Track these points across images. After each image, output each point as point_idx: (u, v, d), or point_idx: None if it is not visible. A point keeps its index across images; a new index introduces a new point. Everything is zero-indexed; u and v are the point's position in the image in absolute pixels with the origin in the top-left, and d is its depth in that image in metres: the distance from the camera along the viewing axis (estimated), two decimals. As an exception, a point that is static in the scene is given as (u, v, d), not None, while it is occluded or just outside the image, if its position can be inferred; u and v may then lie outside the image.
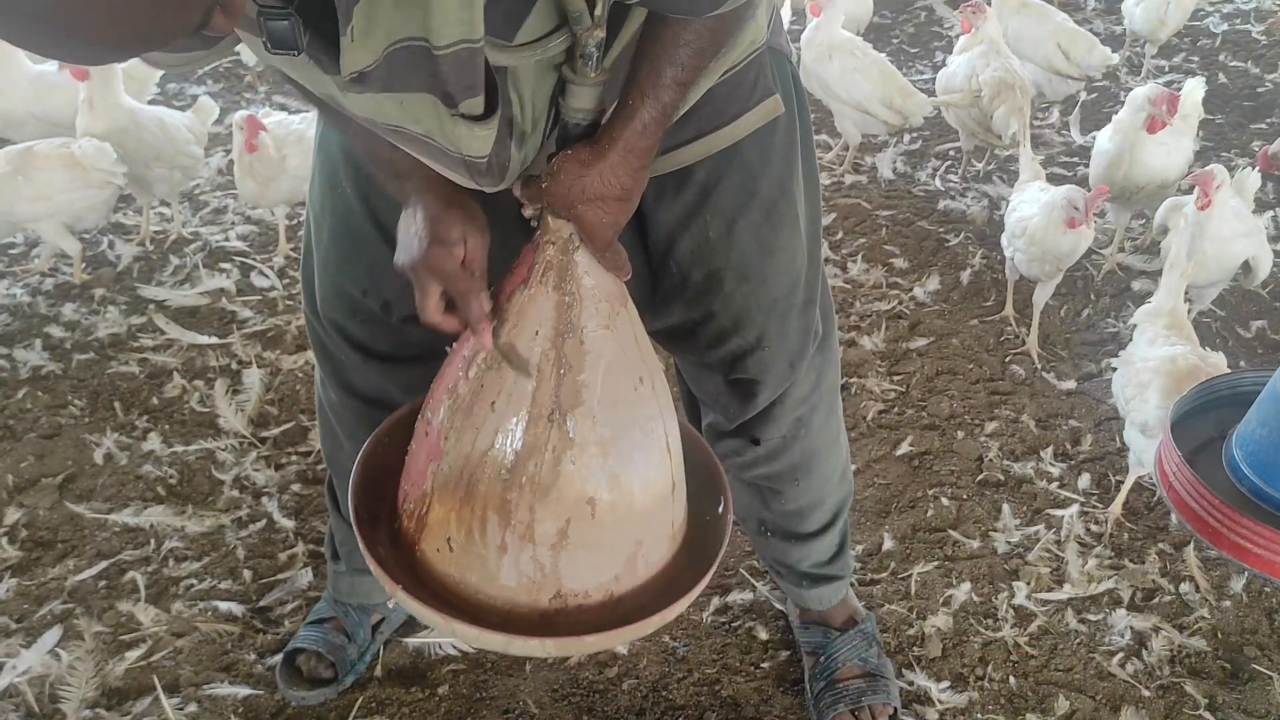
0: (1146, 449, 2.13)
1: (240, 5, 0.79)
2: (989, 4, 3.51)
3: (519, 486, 1.14)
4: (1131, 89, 4.12)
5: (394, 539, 1.23)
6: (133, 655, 1.91)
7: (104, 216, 2.94)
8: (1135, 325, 2.35)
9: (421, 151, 1.10)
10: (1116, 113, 3.05)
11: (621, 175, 1.10)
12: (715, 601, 2.03)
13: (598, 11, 0.99)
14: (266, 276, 2.97)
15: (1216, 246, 2.56)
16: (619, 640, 1.22)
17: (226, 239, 3.16)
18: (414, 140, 1.07)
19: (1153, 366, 2.18)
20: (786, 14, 3.71)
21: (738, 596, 2.04)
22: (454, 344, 1.23)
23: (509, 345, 1.15)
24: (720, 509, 1.33)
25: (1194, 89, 3.02)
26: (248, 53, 4.22)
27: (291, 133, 2.91)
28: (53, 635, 1.93)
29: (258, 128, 2.81)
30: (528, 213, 1.17)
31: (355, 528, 1.21)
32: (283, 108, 3.90)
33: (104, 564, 2.09)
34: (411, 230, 1.16)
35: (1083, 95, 3.95)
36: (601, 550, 1.19)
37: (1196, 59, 4.46)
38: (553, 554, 1.16)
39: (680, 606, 1.21)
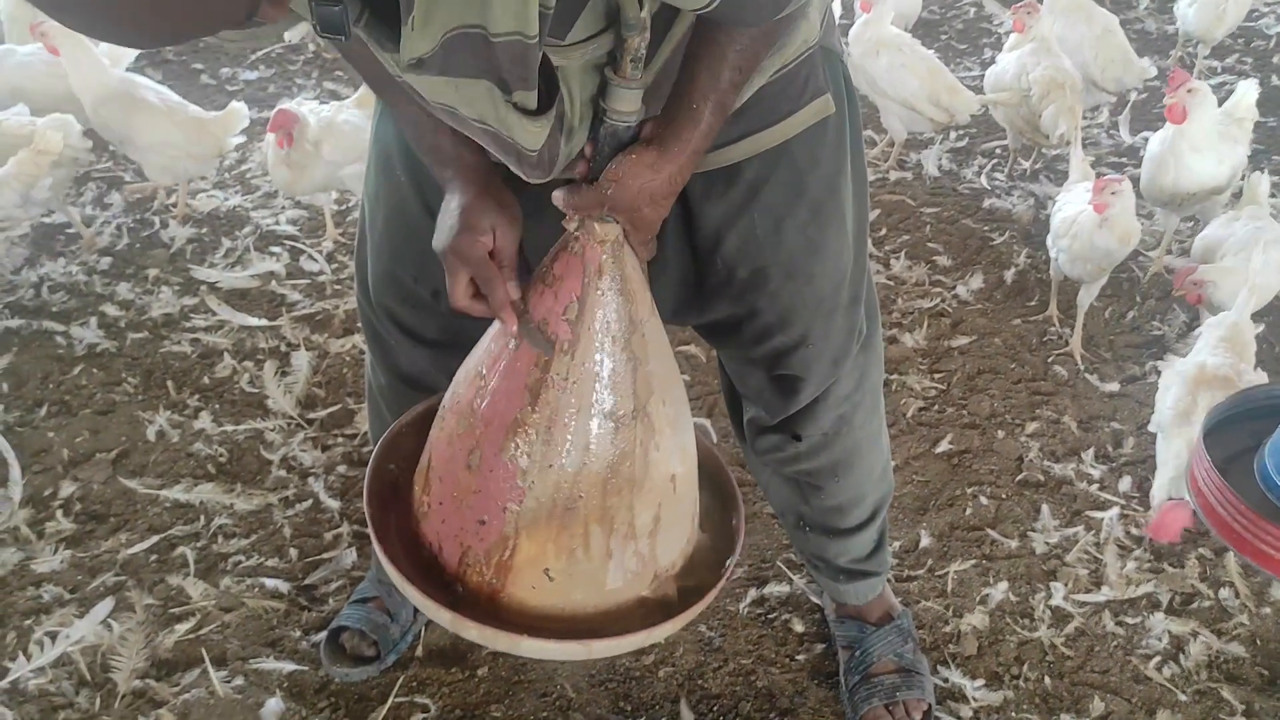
0: (1163, 448, 2.15)
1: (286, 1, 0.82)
2: (1040, 2, 3.49)
3: (617, 491, 1.14)
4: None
5: (460, 600, 1.19)
6: (182, 628, 1.96)
7: (62, 192, 2.97)
8: (1199, 333, 2.35)
9: (474, 134, 1.13)
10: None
11: (686, 175, 1.15)
12: (752, 593, 2.05)
13: (644, 15, 1.02)
14: (315, 261, 3.01)
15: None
16: (713, 598, 1.26)
17: (277, 223, 3.20)
18: (465, 123, 1.10)
19: (1179, 369, 2.20)
20: (836, 9, 3.70)
21: (774, 589, 2.06)
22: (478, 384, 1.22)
23: (533, 329, 1.15)
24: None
25: (1247, 91, 2.98)
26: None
27: (321, 120, 2.92)
28: (105, 606, 1.99)
29: (285, 122, 2.82)
30: (574, 225, 1.16)
31: (432, 605, 1.16)
32: (334, 94, 3.95)
33: (155, 538, 2.14)
34: (446, 216, 1.20)
35: (1133, 95, 3.91)
36: (682, 520, 1.24)
37: (1250, 60, 4.40)
38: (650, 541, 1.19)
39: (740, 544, 1.28)
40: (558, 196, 1.15)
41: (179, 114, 3.05)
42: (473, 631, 1.15)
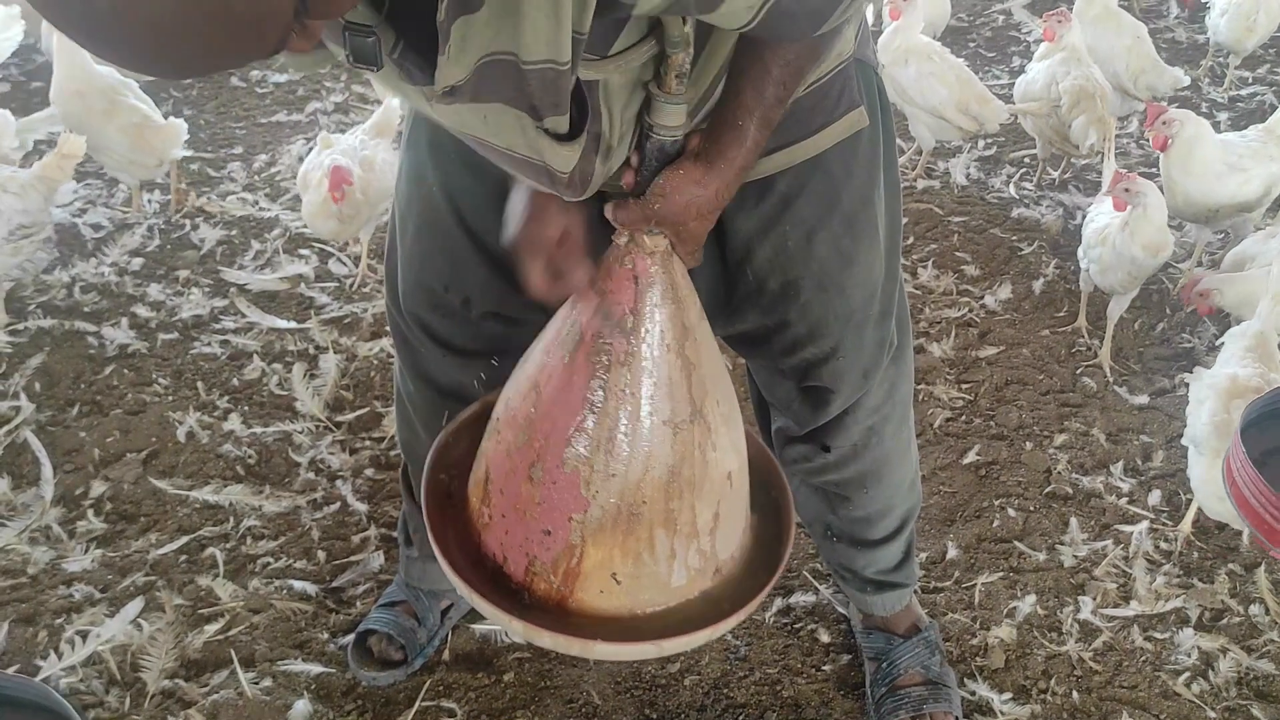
0: (1196, 463, 2.13)
1: (318, 30, 0.83)
2: (1070, 10, 3.47)
3: (679, 494, 1.17)
4: (1213, 100, 4.08)
5: (528, 608, 1.21)
6: (211, 629, 1.97)
7: None
8: (1223, 344, 2.33)
9: (504, 162, 1.13)
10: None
11: (733, 190, 1.15)
12: (778, 603, 2.05)
13: (687, 31, 1.02)
14: (344, 264, 3.03)
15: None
16: (772, 586, 1.28)
17: (305, 226, 3.21)
18: (492, 151, 1.10)
19: (1211, 383, 2.17)
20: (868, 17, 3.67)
21: (800, 598, 2.06)
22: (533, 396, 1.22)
23: (609, 310, 1.17)
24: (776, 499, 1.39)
25: None
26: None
27: (363, 162, 2.84)
28: (135, 606, 2.01)
29: (343, 180, 2.72)
30: (623, 240, 1.17)
31: (503, 615, 1.18)
32: (361, 98, 3.98)
33: (185, 539, 2.16)
34: (515, 205, 1.22)
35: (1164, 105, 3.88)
36: (739, 512, 1.27)
37: (1282, 70, 4.37)
38: (711, 538, 1.22)
39: (790, 536, 1.31)
40: (607, 210, 1.17)
41: (123, 119, 3.04)
42: (546, 639, 1.18)
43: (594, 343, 1.16)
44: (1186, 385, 2.40)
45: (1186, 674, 1.94)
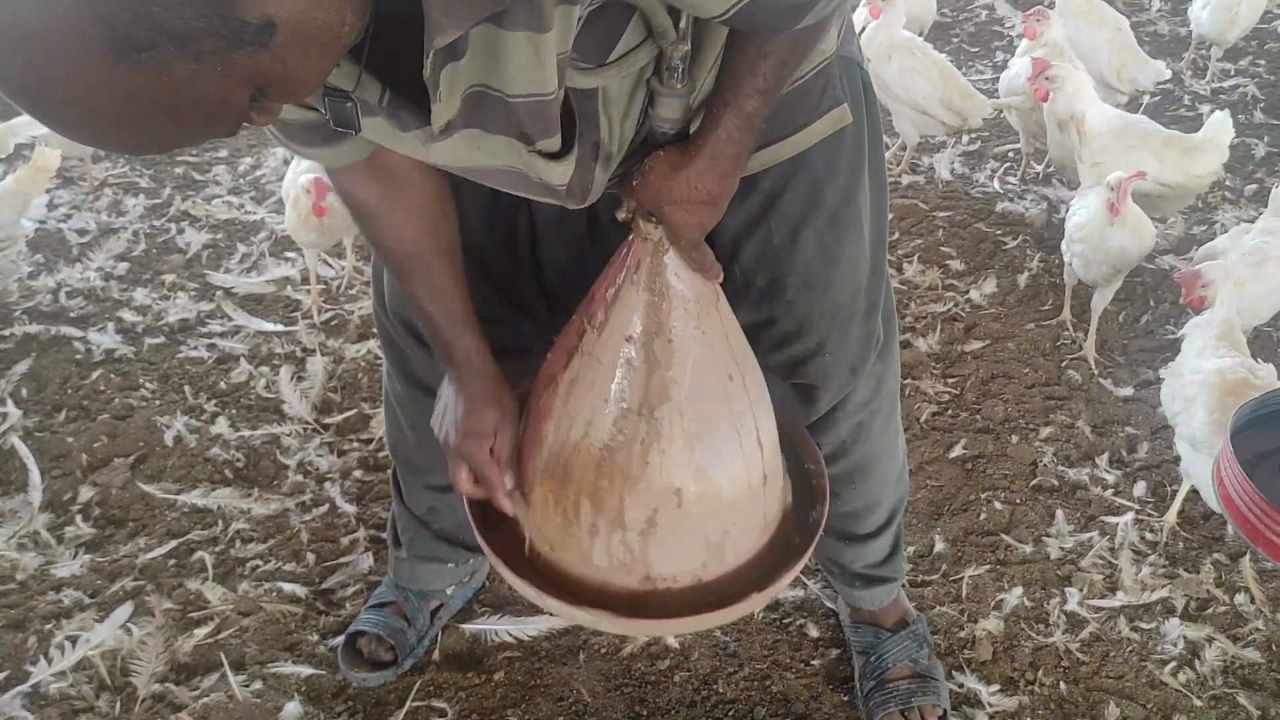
0: (1195, 462, 2.12)
1: (276, 109, 0.86)
2: (1051, 8, 3.49)
3: (609, 475, 1.21)
4: (1196, 92, 4.10)
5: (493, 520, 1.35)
6: (201, 632, 1.97)
7: None
8: (1185, 335, 2.34)
9: (501, 182, 1.15)
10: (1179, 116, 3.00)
11: (708, 181, 1.15)
12: (767, 598, 2.06)
13: (682, 25, 1.03)
14: (330, 266, 3.03)
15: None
16: (706, 625, 1.33)
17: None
18: (493, 172, 1.12)
19: (1200, 379, 2.15)
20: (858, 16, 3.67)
21: (789, 593, 2.07)
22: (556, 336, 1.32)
23: (527, 517, 1.30)
24: (816, 509, 1.40)
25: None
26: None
27: None
28: (124, 611, 2.00)
29: (325, 190, 2.65)
30: (621, 216, 1.21)
31: (469, 511, 1.35)
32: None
33: (174, 543, 2.15)
34: (450, 414, 1.35)
35: (1146, 98, 3.91)
36: (689, 538, 1.26)
37: (1263, 63, 4.39)
38: (641, 539, 1.23)
39: (767, 596, 1.30)
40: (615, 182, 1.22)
41: None
42: (480, 539, 1.34)
43: (589, 306, 1.24)
44: (1162, 379, 2.41)
45: (1173, 663, 1.95)
